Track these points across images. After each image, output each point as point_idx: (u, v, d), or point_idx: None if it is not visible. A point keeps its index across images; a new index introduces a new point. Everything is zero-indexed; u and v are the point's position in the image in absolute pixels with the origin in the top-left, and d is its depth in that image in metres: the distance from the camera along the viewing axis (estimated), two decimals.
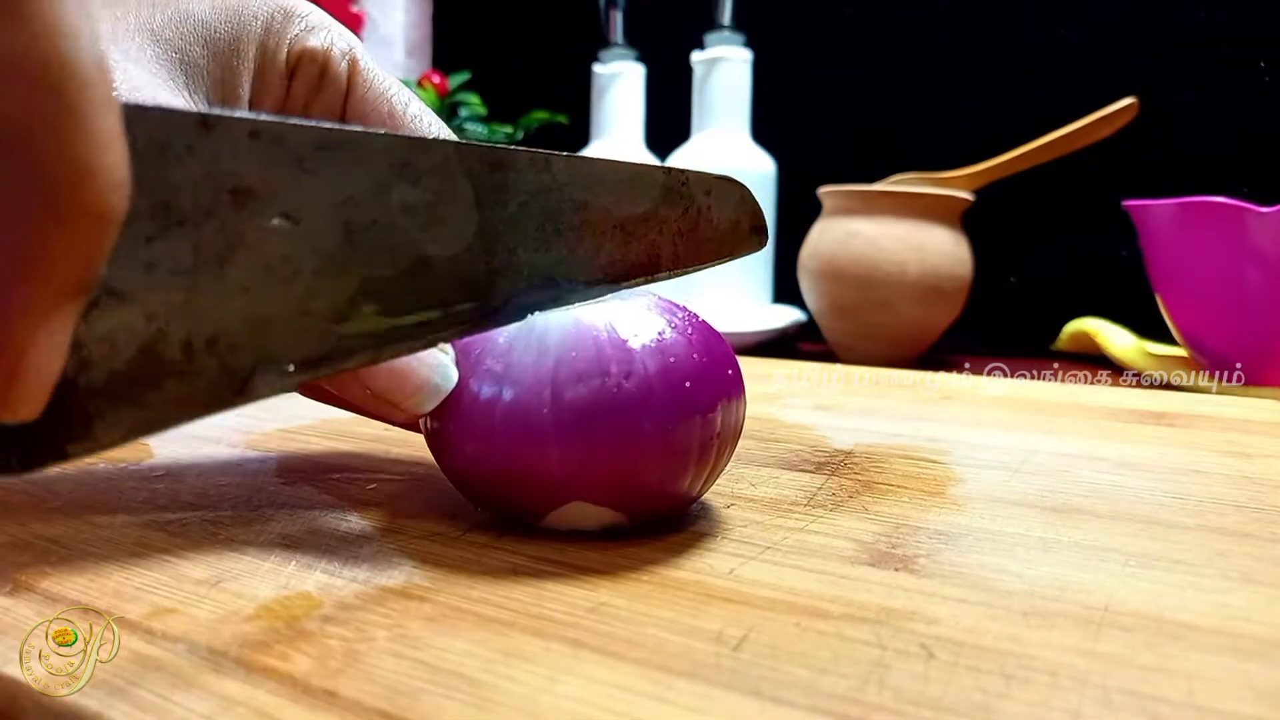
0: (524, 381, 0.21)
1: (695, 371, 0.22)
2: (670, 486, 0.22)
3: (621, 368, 0.21)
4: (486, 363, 0.22)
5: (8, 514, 0.24)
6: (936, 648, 0.17)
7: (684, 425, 0.21)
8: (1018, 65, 0.82)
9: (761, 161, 0.80)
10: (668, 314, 0.23)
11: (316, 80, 0.23)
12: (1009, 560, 0.22)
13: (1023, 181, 0.72)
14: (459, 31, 1.21)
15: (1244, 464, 0.32)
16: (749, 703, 0.15)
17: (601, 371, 0.21)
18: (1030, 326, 0.79)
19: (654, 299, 0.23)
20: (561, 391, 0.21)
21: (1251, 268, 0.54)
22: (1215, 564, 0.22)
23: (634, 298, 0.23)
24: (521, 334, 0.22)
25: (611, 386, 0.21)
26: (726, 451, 0.23)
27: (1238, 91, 0.74)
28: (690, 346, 0.22)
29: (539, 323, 0.22)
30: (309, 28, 0.23)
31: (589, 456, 0.21)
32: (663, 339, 0.22)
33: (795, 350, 0.78)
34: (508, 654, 0.17)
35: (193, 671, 0.16)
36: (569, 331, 0.21)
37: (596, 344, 0.21)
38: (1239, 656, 0.17)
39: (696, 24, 0.82)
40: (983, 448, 0.34)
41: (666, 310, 0.23)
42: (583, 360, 0.21)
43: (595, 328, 0.21)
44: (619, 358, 0.21)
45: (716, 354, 0.23)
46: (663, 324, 0.22)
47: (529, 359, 0.21)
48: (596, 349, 0.21)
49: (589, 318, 0.22)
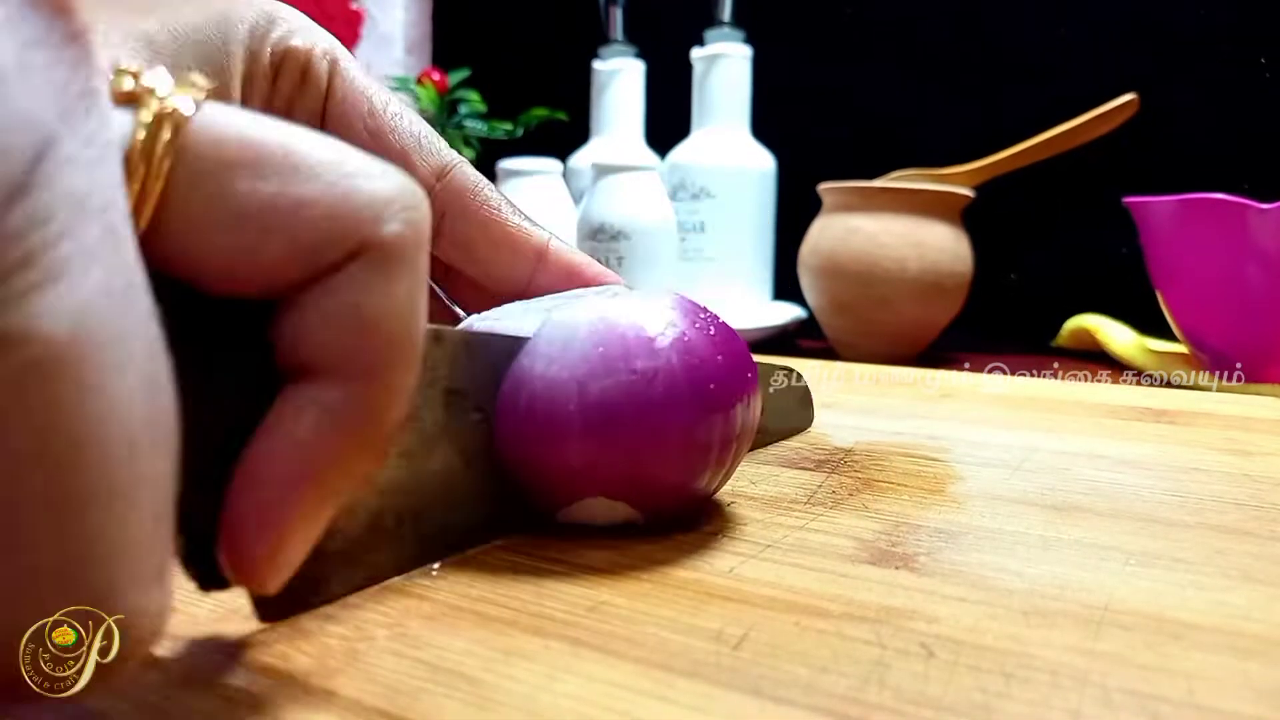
0: (550, 375, 0.21)
1: (718, 371, 0.22)
2: (689, 484, 0.22)
3: (648, 365, 0.21)
4: (515, 356, 0.22)
5: None
6: (937, 647, 0.17)
7: (706, 423, 0.21)
8: (1018, 62, 0.82)
9: (761, 158, 0.80)
10: (691, 313, 0.23)
11: (299, 80, 0.24)
12: (1009, 559, 0.22)
13: (1023, 178, 0.72)
14: (458, 28, 1.20)
15: (1244, 462, 0.32)
16: (749, 702, 0.15)
17: (628, 368, 0.21)
18: (1030, 323, 0.79)
19: (677, 297, 0.23)
20: (587, 386, 0.21)
21: (1252, 265, 0.54)
22: (1215, 562, 0.22)
23: (657, 296, 0.23)
24: (548, 328, 0.22)
25: (639, 383, 0.21)
26: (743, 450, 0.24)
27: (1238, 88, 0.74)
28: (714, 347, 0.22)
29: (566, 318, 0.22)
30: (291, 30, 0.24)
31: (612, 451, 0.21)
32: (687, 338, 0.22)
33: (795, 347, 0.78)
34: (508, 653, 0.17)
35: (193, 671, 0.16)
36: (596, 327, 0.21)
37: (624, 341, 0.21)
38: (1239, 655, 0.17)
39: (696, 21, 0.82)
40: (983, 445, 0.34)
41: (690, 309, 0.23)
42: (610, 356, 0.21)
43: (621, 324, 0.22)
44: (645, 354, 0.21)
45: (736, 353, 0.23)
46: (686, 323, 0.22)
47: (554, 351, 0.21)
48: (623, 345, 0.21)
49: (615, 314, 0.22)
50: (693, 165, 0.79)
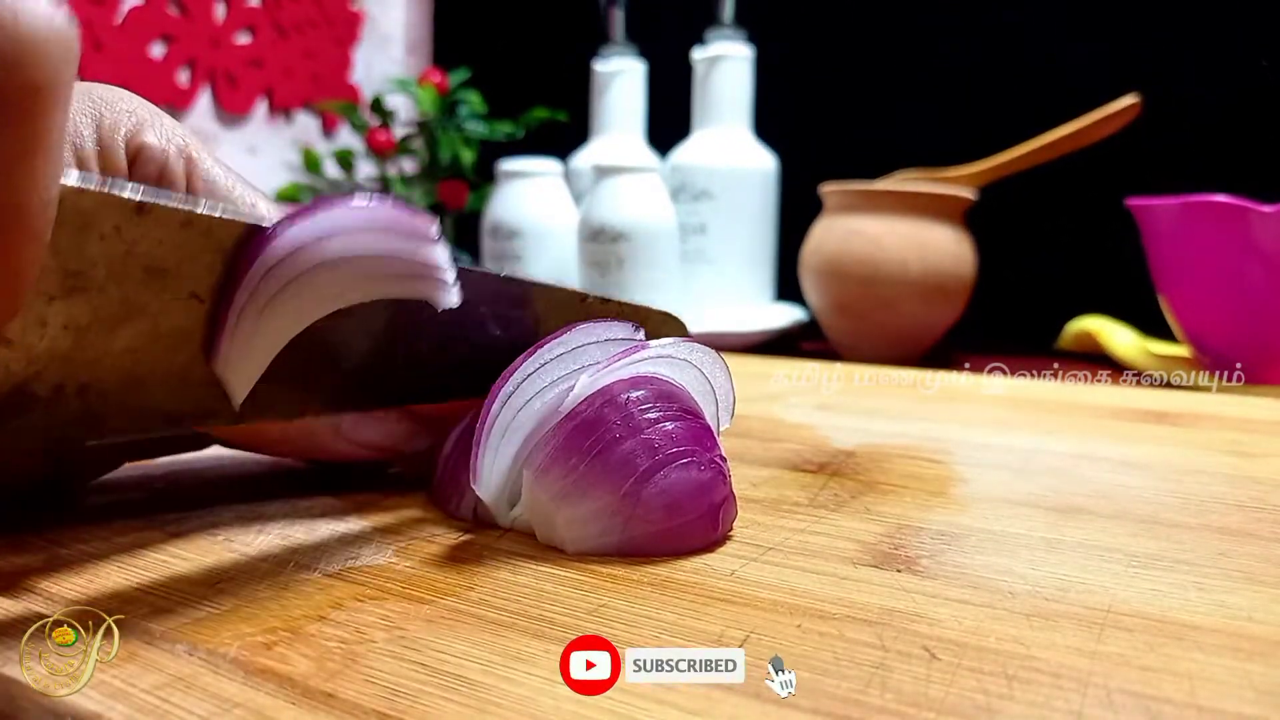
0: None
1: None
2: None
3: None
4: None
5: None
6: (939, 649, 0.17)
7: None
8: (1020, 64, 0.82)
9: (763, 159, 0.80)
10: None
11: (156, 178, 0.22)
12: (1012, 561, 0.22)
13: (1025, 180, 0.72)
14: (459, 29, 1.20)
15: (1246, 463, 0.32)
16: (751, 705, 0.15)
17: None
18: (1032, 325, 0.78)
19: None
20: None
21: (1254, 267, 0.54)
22: (1217, 564, 0.22)
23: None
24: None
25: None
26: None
27: (1241, 90, 0.74)
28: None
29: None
30: (139, 122, 0.22)
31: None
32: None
33: (797, 349, 0.78)
34: (507, 656, 0.16)
35: (191, 672, 0.16)
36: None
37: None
38: (1241, 657, 0.17)
39: (697, 21, 0.82)
40: (985, 447, 0.34)
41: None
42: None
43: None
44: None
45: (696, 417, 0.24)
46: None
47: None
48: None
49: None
50: (694, 166, 0.79)
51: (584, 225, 0.73)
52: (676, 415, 0.23)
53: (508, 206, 0.82)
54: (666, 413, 0.23)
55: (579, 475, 0.22)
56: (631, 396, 0.22)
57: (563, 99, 0.98)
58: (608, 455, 0.21)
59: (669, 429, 0.22)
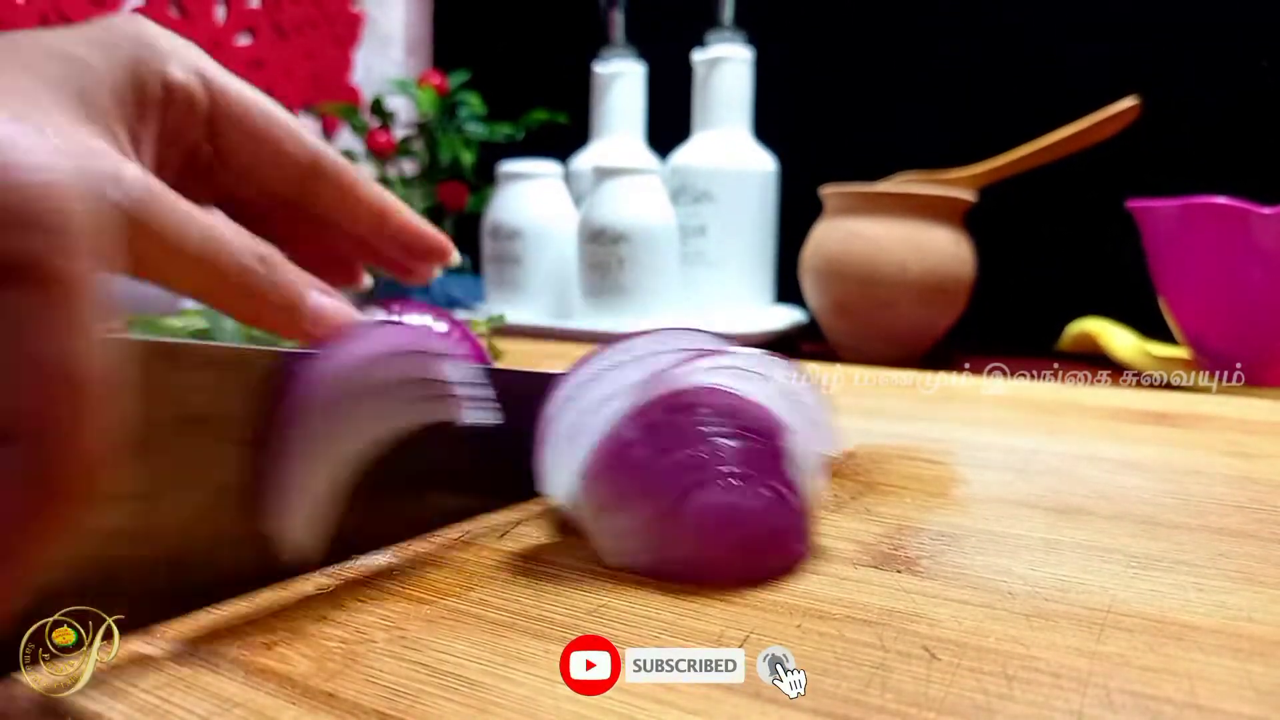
0: None
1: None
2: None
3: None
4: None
5: None
6: (939, 649, 0.17)
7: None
8: (1020, 66, 0.82)
9: (763, 161, 0.80)
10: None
11: (187, 107, 0.22)
12: (1011, 561, 0.22)
13: (1025, 181, 0.72)
14: (459, 30, 1.20)
15: (1245, 464, 0.32)
16: (751, 704, 0.15)
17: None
18: (1032, 327, 0.78)
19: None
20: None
21: (1254, 268, 0.54)
22: (1217, 564, 0.22)
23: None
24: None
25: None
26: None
27: (1241, 92, 0.74)
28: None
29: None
30: (165, 55, 0.21)
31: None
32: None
33: (797, 350, 0.78)
34: (507, 656, 0.16)
35: (192, 672, 0.16)
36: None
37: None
38: (1241, 657, 0.17)
39: (697, 23, 0.82)
40: (985, 448, 0.34)
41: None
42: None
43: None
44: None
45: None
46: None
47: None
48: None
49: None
50: (694, 168, 0.79)
51: (584, 227, 0.73)
52: (733, 433, 0.21)
53: (508, 208, 0.82)
54: (722, 429, 0.21)
55: (620, 488, 0.21)
56: (691, 409, 0.21)
57: (563, 101, 0.98)
58: (648, 469, 0.21)
59: (724, 446, 0.21)
